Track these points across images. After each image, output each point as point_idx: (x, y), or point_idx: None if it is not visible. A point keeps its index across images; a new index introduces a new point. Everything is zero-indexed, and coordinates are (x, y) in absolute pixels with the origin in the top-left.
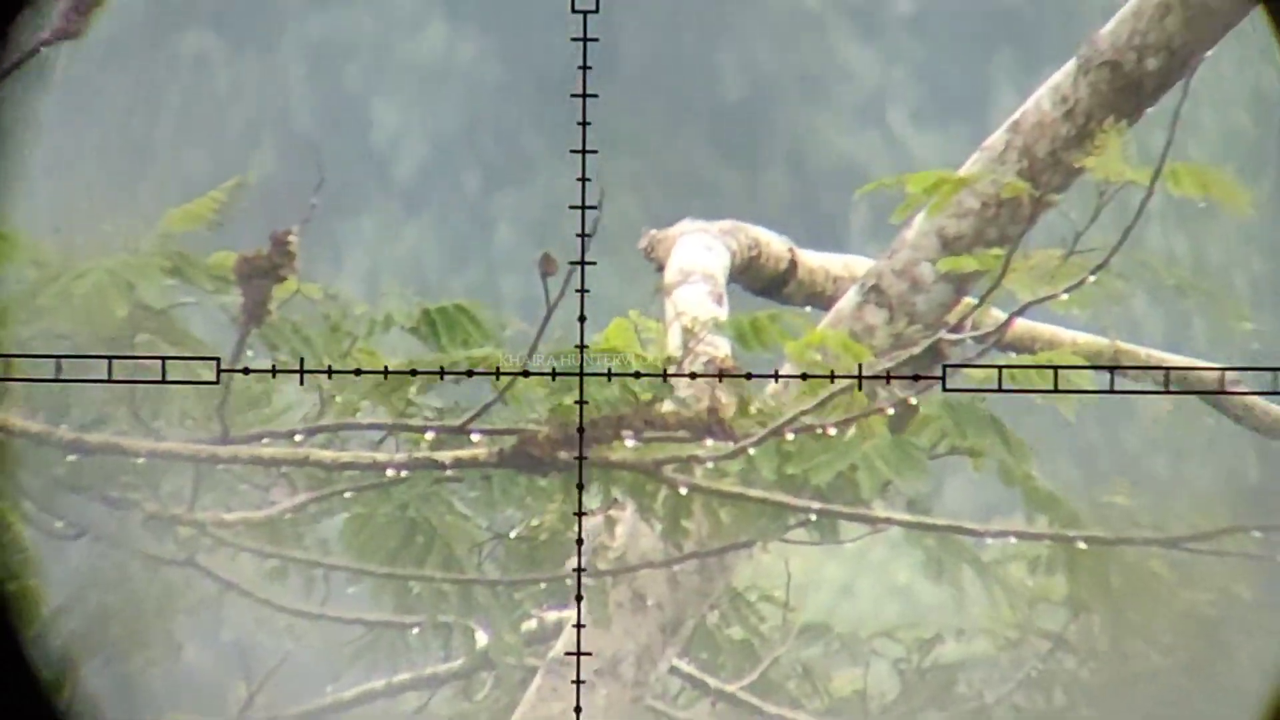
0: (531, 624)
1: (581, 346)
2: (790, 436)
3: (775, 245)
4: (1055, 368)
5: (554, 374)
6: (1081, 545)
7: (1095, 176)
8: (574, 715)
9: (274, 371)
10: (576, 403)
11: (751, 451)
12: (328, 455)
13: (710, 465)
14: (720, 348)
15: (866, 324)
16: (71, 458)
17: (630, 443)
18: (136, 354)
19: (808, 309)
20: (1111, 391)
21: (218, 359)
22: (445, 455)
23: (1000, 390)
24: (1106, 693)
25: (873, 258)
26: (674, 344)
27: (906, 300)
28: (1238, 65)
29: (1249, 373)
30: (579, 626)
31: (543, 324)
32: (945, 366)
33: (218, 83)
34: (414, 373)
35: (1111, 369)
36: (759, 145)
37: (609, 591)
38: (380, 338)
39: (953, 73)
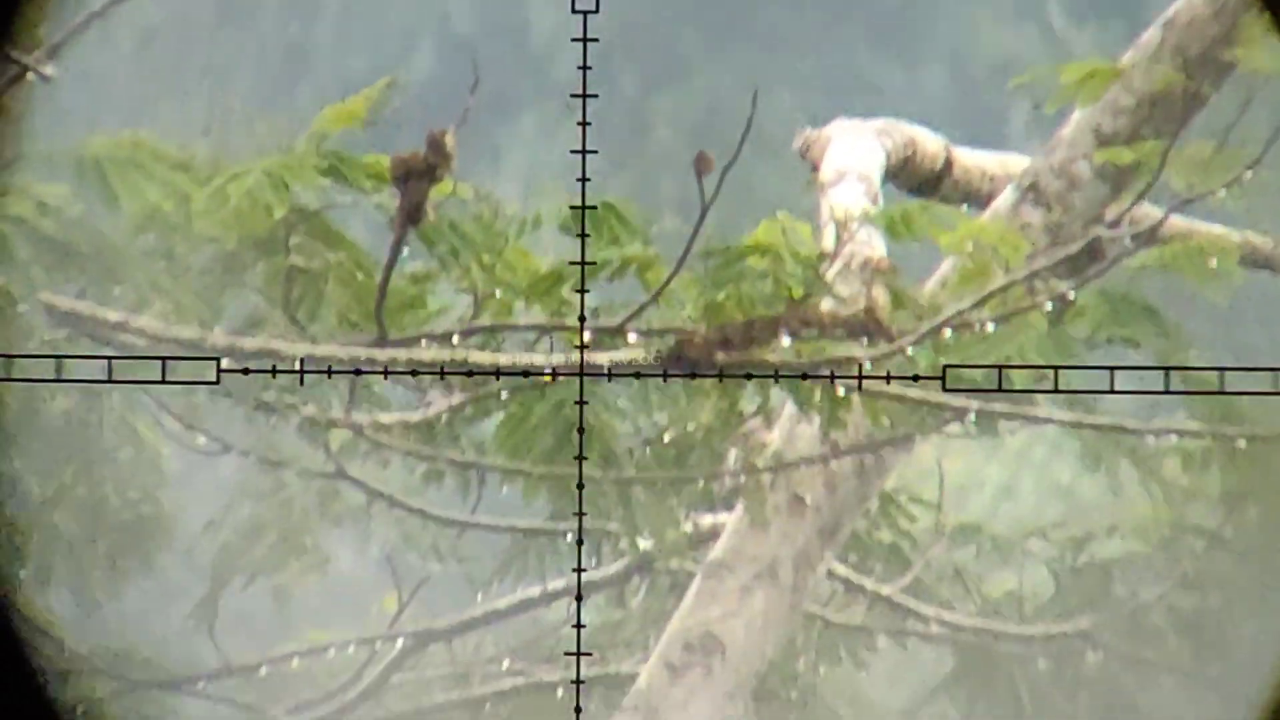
0: (687, 527)
1: (582, 347)
2: (947, 333)
3: (930, 144)
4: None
5: (554, 374)
6: (1241, 443)
7: (1243, 69)
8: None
9: (274, 371)
10: (577, 403)
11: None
12: (487, 358)
13: (868, 364)
14: (876, 248)
15: (1024, 222)
16: (226, 363)
17: (785, 342)
18: (135, 355)
19: (964, 207)
20: (1112, 392)
21: (217, 359)
22: (603, 358)
23: (1000, 390)
24: (1263, 592)
25: (1030, 155)
26: (829, 244)
27: (1063, 198)
28: None
29: (1248, 373)
30: (578, 627)
31: (699, 221)
32: (946, 367)
33: None
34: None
35: None
36: (917, 42)
37: (767, 493)
38: (535, 239)
39: None
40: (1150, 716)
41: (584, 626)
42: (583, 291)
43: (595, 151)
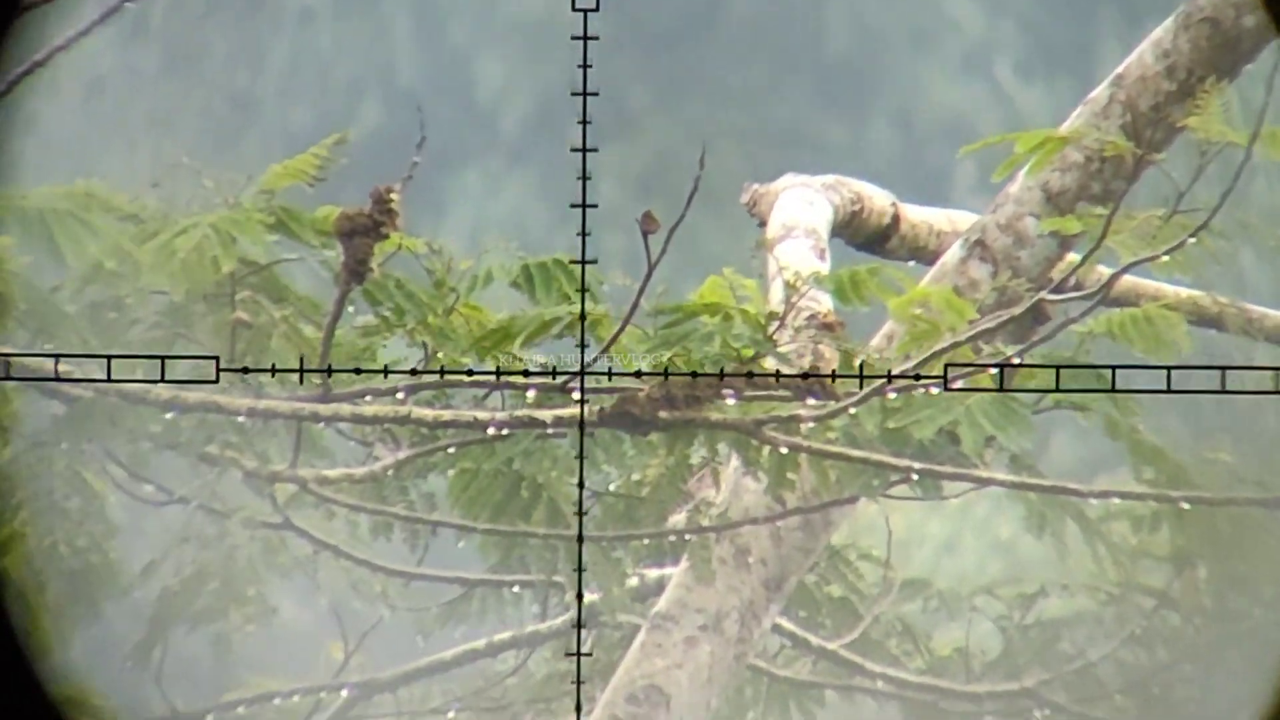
0: (633, 581)
1: (582, 346)
2: (892, 396)
3: (878, 199)
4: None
5: (554, 373)
6: (1185, 506)
7: (1196, 136)
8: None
9: (274, 370)
10: (578, 402)
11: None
12: (429, 414)
13: (812, 424)
14: (823, 303)
15: (970, 279)
16: (168, 416)
17: (730, 402)
18: (134, 355)
19: (911, 263)
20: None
21: (216, 357)
22: (545, 414)
23: (1001, 390)
24: (1211, 649)
25: (977, 212)
26: (776, 299)
27: (1010, 255)
28: None
29: (1248, 373)
30: (578, 627)
31: (644, 280)
32: (946, 366)
33: (321, 38)
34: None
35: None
36: (864, 99)
37: (712, 547)
38: (483, 293)
39: (1058, 26)
40: None
41: (584, 627)
42: (583, 292)
43: (595, 150)
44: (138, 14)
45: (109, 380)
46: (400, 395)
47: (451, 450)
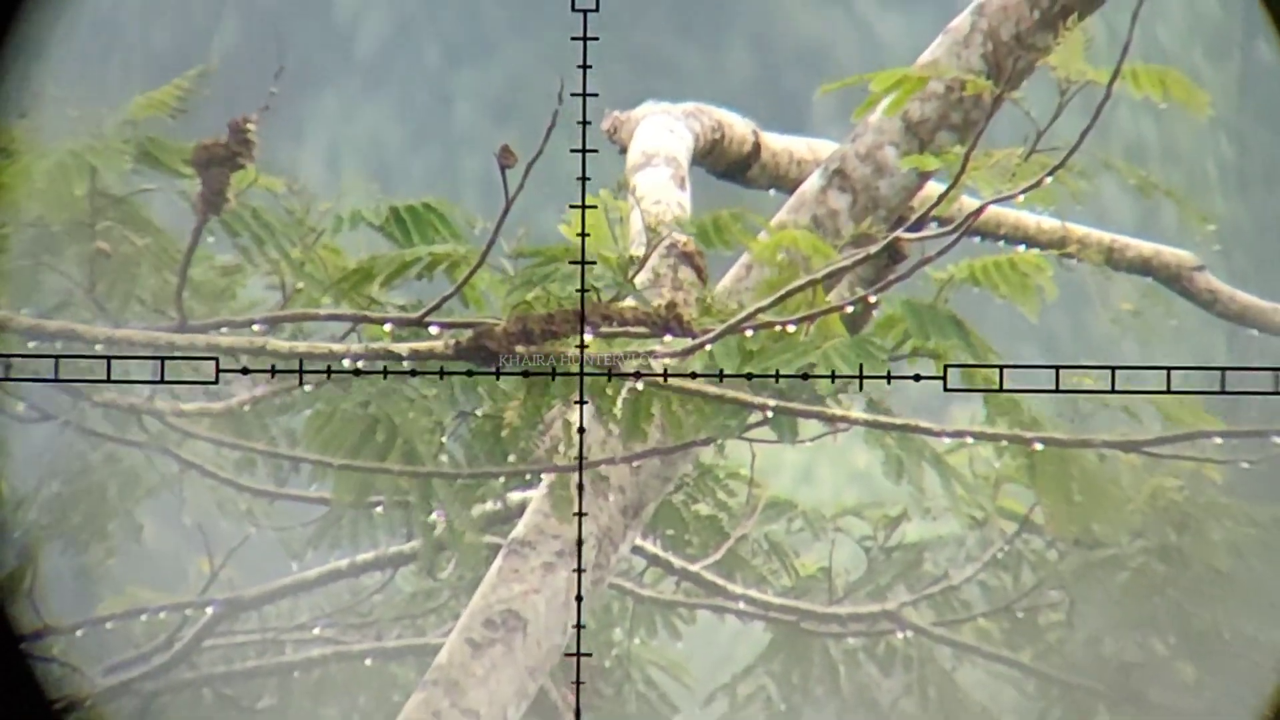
0: (493, 505)
1: (582, 347)
2: (750, 334)
3: (739, 128)
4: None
5: (554, 373)
6: (1039, 447)
7: (1057, 75)
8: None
9: (273, 371)
10: (578, 402)
11: (714, 349)
12: (284, 345)
13: (669, 361)
14: (683, 234)
15: (830, 208)
16: (32, 343)
17: (589, 337)
18: (135, 356)
19: (772, 192)
20: (1113, 392)
21: (216, 358)
22: (401, 348)
23: (1001, 390)
24: (1075, 574)
25: (838, 141)
26: (636, 227)
27: (870, 184)
28: None
29: (1249, 373)
30: (579, 627)
31: (500, 218)
32: (946, 367)
33: None
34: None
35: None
36: (722, 25)
37: (569, 475)
38: (345, 234)
39: None
40: (968, 694)
41: (584, 627)
42: (582, 291)
43: (595, 150)
44: None
45: (109, 380)
46: (257, 328)
47: (309, 388)
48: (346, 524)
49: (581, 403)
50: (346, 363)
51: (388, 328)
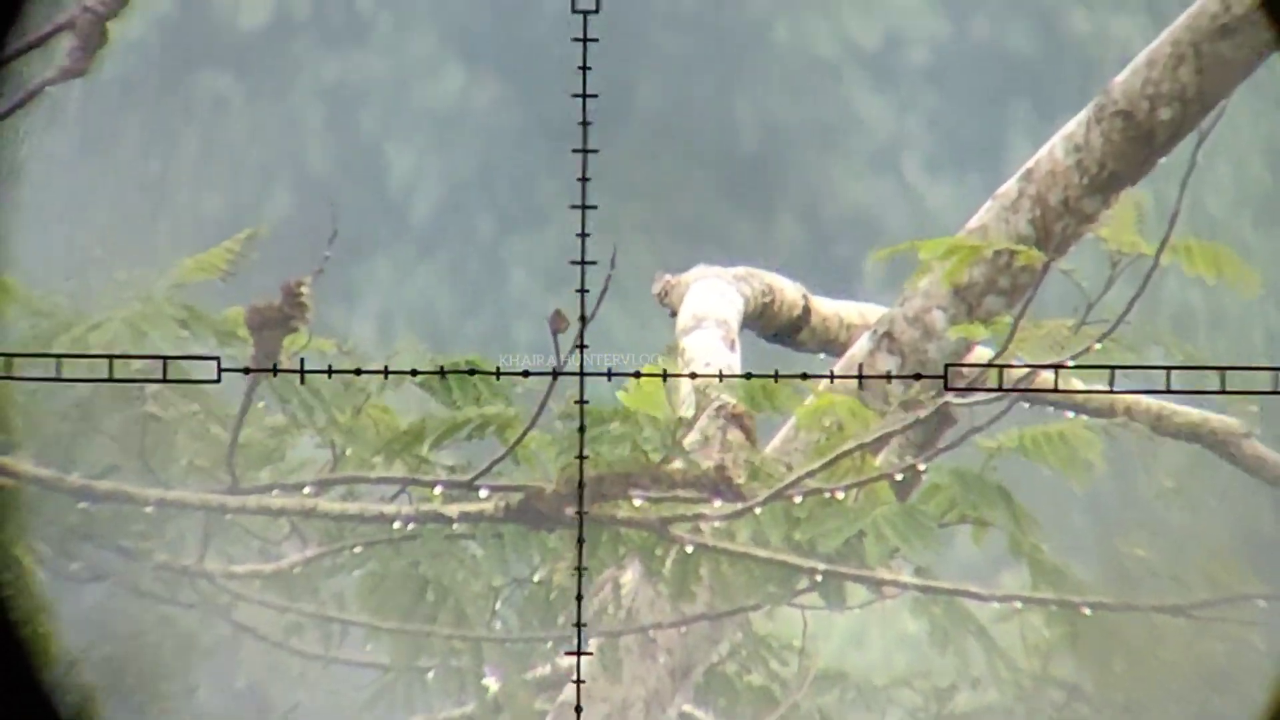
0: (545, 669)
1: (582, 346)
2: (798, 500)
3: (789, 291)
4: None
5: (554, 374)
6: (1086, 611)
7: (1108, 247)
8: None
9: (274, 371)
10: (577, 402)
11: (760, 514)
12: (335, 506)
13: (717, 525)
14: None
15: (878, 370)
16: (82, 505)
17: (638, 501)
18: (138, 354)
19: (821, 355)
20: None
21: (217, 358)
22: (451, 509)
23: (1002, 390)
24: None
25: (886, 306)
26: (684, 390)
27: (919, 347)
28: (1253, 116)
29: (1249, 373)
30: (579, 625)
31: (552, 382)
32: (947, 367)
33: (233, 125)
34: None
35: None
36: (772, 194)
37: (617, 643)
38: (393, 392)
39: (967, 122)
40: None
41: (584, 626)
42: (582, 291)
43: (596, 150)
44: (54, 99)
45: (110, 380)
46: (308, 490)
47: (358, 550)
48: (400, 689)
49: (582, 402)
50: (396, 525)
51: (438, 490)
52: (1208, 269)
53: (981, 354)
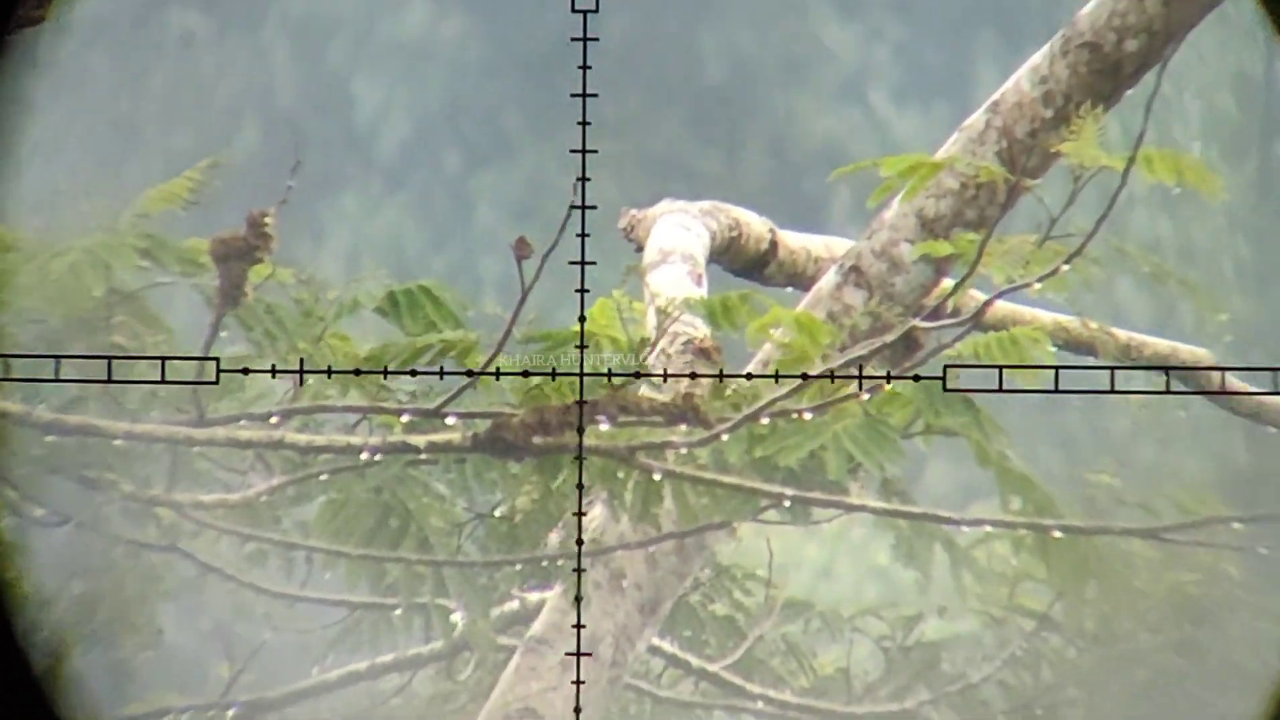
0: (512, 605)
1: (582, 346)
2: (764, 421)
3: (756, 225)
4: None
5: (554, 374)
6: (1057, 534)
7: (1071, 162)
8: (574, 715)
9: (274, 371)
10: (577, 402)
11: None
12: (302, 438)
13: (683, 450)
14: (699, 328)
15: (845, 304)
16: (49, 439)
17: (604, 427)
18: (133, 355)
19: (789, 290)
20: (1112, 391)
21: (217, 359)
22: (419, 439)
23: (1001, 390)
24: (1095, 671)
25: (854, 239)
26: (650, 325)
27: (885, 280)
28: (1219, 48)
29: (1249, 373)
30: (579, 627)
31: (517, 308)
32: (946, 367)
33: (202, 61)
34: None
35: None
36: (740, 127)
37: (586, 571)
38: (357, 321)
39: (934, 53)
40: None
41: (583, 627)
42: (582, 293)
43: (595, 151)
44: (24, 40)
45: (109, 380)
46: (274, 420)
47: (325, 477)
48: (366, 627)
49: (581, 402)
50: (364, 455)
51: (404, 419)
52: (1168, 174)
53: (948, 288)
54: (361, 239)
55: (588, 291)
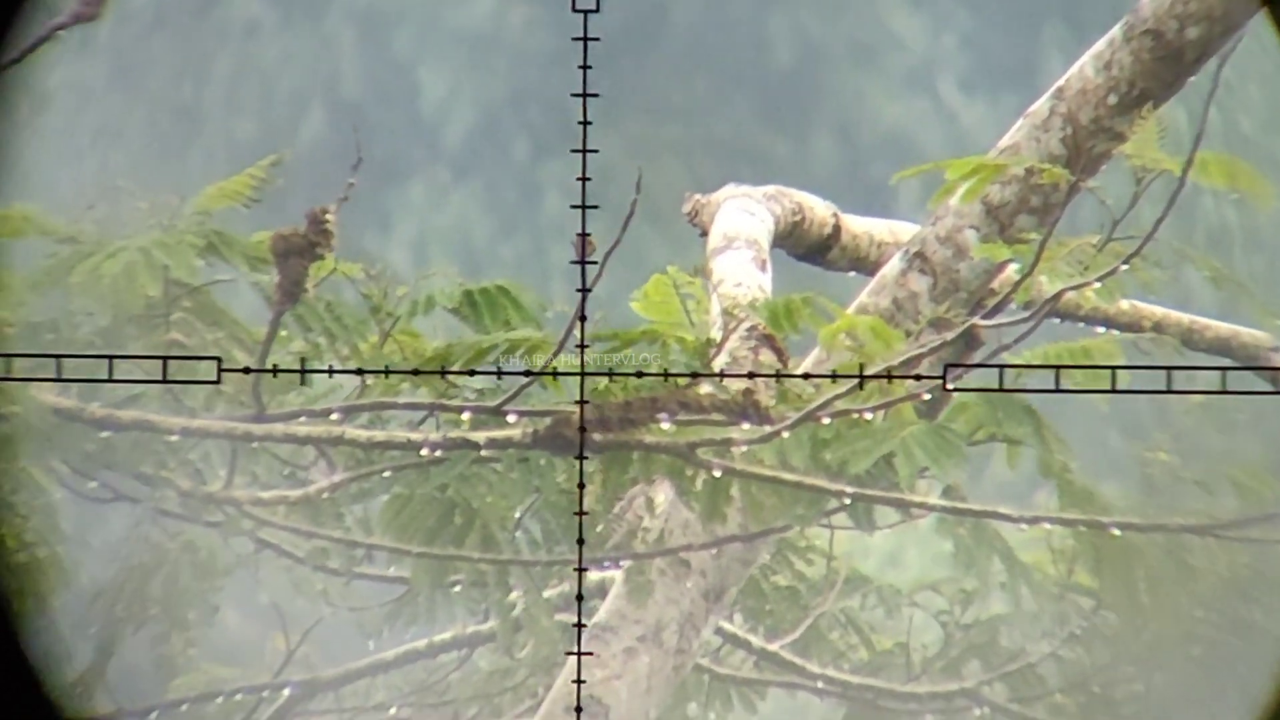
0: (566, 586)
1: (582, 346)
2: (826, 421)
3: (819, 210)
4: (1057, 367)
5: (554, 373)
6: (1116, 533)
7: (1132, 163)
8: (575, 716)
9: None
10: (577, 402)
11: (786, 436)
12: (362, 434)
13: (745, 448)
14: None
15: (910, 290)
16: (104, 434)
17: (666, 425)
18: (137, 354)
19: (852, 274)
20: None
21: (218, 358)
22: (480, 435)
23: (1001, 390)
24: (1151, 649)
25: (919, 225)
26: (715, 310)
27: (950, 267)
28: None
29: (1249, 373)
30: (579, 626)
31: (579, 305)
32: (946, 366)
33: (266, 50)
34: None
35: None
36: (807, 113)
37: (649, 568)
38: (425, 316)
39: (1002, 42)
40: None
41: (584, 626)
42: (584, 291)
43: (596, 151)
44: (85, 29)
45: (110, 380)
46: (335, 417)
47: (386, 475)
48: (424, 603)
49: (582, 402)
50: (425, 452)
51: (465, 415)
52: (1222, 180)
53: (1013, 274)
54: (429, 228)
55: (589, 291)
